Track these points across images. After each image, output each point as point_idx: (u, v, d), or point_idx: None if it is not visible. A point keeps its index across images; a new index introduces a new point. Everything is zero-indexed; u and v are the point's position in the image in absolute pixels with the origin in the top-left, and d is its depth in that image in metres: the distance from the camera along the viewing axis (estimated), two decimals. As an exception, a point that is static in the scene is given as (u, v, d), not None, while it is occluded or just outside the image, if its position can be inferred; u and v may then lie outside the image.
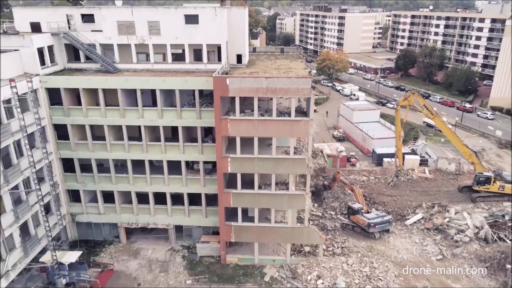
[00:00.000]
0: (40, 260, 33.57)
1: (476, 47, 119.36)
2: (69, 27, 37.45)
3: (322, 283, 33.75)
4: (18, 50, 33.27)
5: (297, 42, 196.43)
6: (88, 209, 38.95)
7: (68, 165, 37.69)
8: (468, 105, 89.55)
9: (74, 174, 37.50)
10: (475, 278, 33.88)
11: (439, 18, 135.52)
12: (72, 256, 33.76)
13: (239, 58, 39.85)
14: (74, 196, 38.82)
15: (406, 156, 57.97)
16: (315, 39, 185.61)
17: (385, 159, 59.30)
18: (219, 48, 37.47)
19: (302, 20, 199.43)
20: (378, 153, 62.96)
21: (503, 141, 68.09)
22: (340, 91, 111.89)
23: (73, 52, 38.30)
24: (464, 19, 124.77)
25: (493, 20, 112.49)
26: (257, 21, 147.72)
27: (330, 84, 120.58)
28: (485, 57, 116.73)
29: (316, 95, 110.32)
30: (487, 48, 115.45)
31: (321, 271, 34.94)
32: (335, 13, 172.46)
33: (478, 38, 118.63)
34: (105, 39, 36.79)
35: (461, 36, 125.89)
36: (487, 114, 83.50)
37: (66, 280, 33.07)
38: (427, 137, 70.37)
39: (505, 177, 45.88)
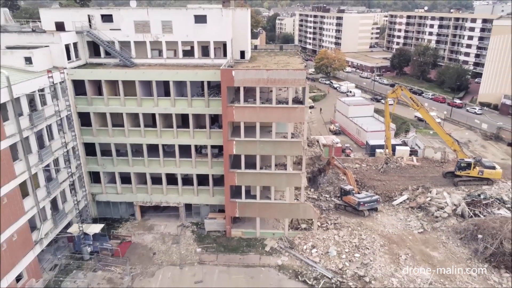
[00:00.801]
0: (68, 231, 38.18)
1: (469, 46, 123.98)
2: (90, 26, 41.93)
3: (316, 251, 38.26)
4: (48, 46, 37.74)
5: (296, 42, 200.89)
6: (107, 189, 43.44)
7: (89, 149, 42.18)
8: (458, 101, 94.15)
9: (95, 158, 41.98)
10: (451, 247, 38.39)
11: (433, 18, 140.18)
12: (96, 228, 38.41)
13: (242, 54, 44.35)
14: (95, 177, 43.32)
15: (397, 147, 62.77)
16: (314, 39, 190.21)
17: (378, 150, 63.84)
18: (224, 45, 41.98)
19: (301, 20, 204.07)
20: (371, 144, 67.48)
21: (488, 134, 72.64)
22: (337, 88, 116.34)
23: (93, 48, 42.82)
24: (457, 19, 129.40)
25: (484, 20, 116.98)
26: (257, 21, 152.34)
27: (327, 82, 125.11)
28: (477, 56, 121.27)
29: (314, 92, 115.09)
30: (478, 47, 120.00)
31: (315, 242, 39.46)
32: (333, 14, 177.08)
33: (470, 37, 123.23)
34: (123, 36, 41.28)
35: (454, 35, 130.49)
36: (475, 109, 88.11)
37: (91, 249, 37.58)
38: (417, 130, 74.83)
39: (484, 163, 50.54)
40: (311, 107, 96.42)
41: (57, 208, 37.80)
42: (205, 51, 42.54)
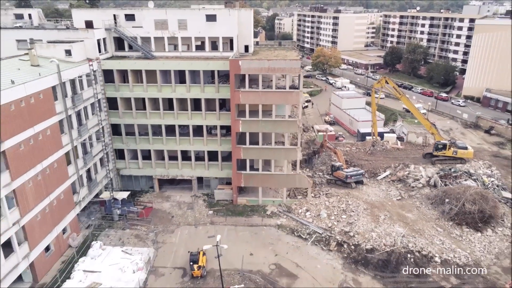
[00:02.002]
0: (101, 196, 45.22)
1: (457, 44, 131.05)
2: (115, 24, 48.86)
3: (310, 214, 45.29)
4: (83, 41, 44.67)
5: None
6: (130, 164, 50.42)
7: (115, 129, 49.10)
8: (444, 95, 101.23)
9: (120, 137, 48.94)
10: (423, 210, 45.47)
11: (424, 18, 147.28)
12: (123, 194, 45.51)
13: (246, 48, 51.32)
14: (120, 154, 50.26)
15: (385, 134, 69.89)
16: (312, 38, 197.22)
17: (368, 137, 70.86)
18: (231, 40, 48.99)
19: (300, 20, 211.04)
20: (362, 132, 74.56)
21: (468, 122, 79.78)
22: (333, 84, 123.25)
23: (117, 43, 49.77)
24: (447, 19, 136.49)
25: (471, 20, 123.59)
26: (257, 21, 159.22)
27: (324, 78, 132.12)
28: (465, 53, 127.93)
29: (311, 87, 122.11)
30: (466, 45, 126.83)
31: (309, 206, 46.51)
32: (330, 14, 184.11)
33: (459, 36, 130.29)
34: (144, 33, 48.21)
35: (444, 34, 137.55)
36: (459, 102, 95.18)
37: (120, 212, 44.53)
38: (404, 120, 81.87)
39: (458, 144, 57.65)
40: (308, 101, 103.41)
41: (90, 178, 44.80)
42: (214, 45, 49.51)
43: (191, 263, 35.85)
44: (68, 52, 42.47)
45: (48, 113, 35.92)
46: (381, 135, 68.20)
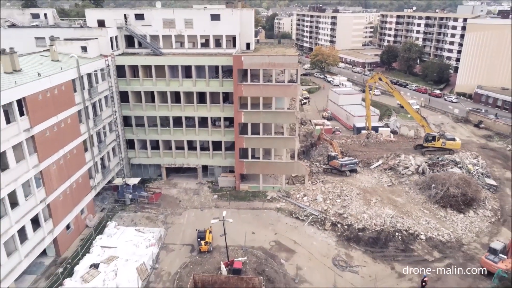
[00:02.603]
0: (113, 182, 48.91)
1: (451, 43, 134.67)
2: (126, 23, 52.50)
3: (307, 198, 48.99)
4: (97, 38, 48.31)
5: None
6: (140, 154, 54.07)
7: (126, 121, 52.75)
8: (437, 92, 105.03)
9: (131, 128, 52.59)
10: (411, 195, 49.21)
11: (420, 18, 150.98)
12: (134, 180, 49.19)
13: (247, 45, 54.97)
14: (130, 144, 53.89)
15: (379, 128, 73.63)
16: (310, 37, 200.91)
17: (363, 131, 74.55)
18: (234, 38, 52.67)
19: (299, 20, 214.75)
20: (358, 126, 78.22)
21: (459, 117, 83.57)
22: (331, 81, 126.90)
23: (127, 40, 53.41)
24: (441, 18, 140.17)
25: (465, 20, 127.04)
26: (257, 21, 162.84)
27: (322, 76, 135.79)
28: (459, 52, 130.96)
29: (310, 85, 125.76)
30: (460, 44, 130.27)
31: (306, 192, 50.21)
32: (328, 14, 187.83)
33: (453, 35, 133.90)
34: (153, 31, 51.90)
35: (439, 33, 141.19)
36: (451, 98, 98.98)
37: (131, 196, 48.19)
38: (398, 115, 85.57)
39: (446, 136, 61.38)
40: (306, 98, 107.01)
41: (104, 165, 48.46)
42: (218, 43, 53.23)
43: (199, 240, 39.52)
44: (84, 49, 46.09)
45: (68, 104, 39.59)
46: (376, 129, 71.93)
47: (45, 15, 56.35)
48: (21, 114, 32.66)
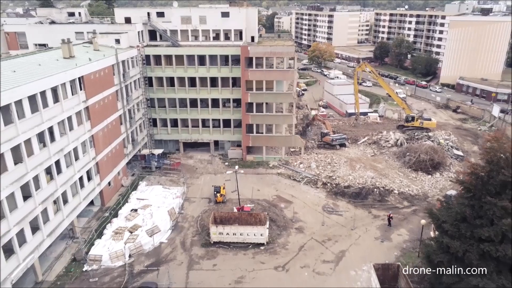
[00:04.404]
0: (142, 152, 58.63)
1: (439, 39, 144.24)
2: (149, 20, 62.08)
3: (302, 165, 58.64)
4: (127, 32, 57.92)
5: (293, 38, 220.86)
6: (161, 131, 63.72)
7: (150, 103, 62.37)
8: (423, 83, 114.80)
9: (154, 108, 62.22)
10: (390, 162, 58.89)
11: (411, 16, 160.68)
12: (159, 151, 58.86)
13: (252, 38, 64.58)
14: (153, 122, 63.50)
15: (369, 114, 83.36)
16: (309, 35, 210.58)
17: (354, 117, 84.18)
18: (240, 32, 62.30)
19: (297, 18, 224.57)
20: (349, 112, 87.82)
21: (440, 104, 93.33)
22: (327, 75, 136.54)
23: (150, 34, 63.00)
24: (431, 16, 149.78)
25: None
26: (257, 20, 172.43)
27: (319, 71, 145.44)
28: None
29: (307, 78, 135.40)
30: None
31: (302, 160, 59.90)
32: (326, 12, 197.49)
33: (441, 32, 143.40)
34: (173, 27, 61.51)
35: (429, 30, 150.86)
36: (436, 88, 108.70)
37: (156, 164, 57.83)
38: (386, 102, 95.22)
39: (424, 117, 71.06)
40: (304, 90, 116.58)
41: (133, 138, 58.13)
42: (226, 36, 62.86)
43: (215, 193, 49.20)
44: (117, 41, 55.67)
45: (110, 84, 49.25)
46: (366, 114, 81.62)
47: (79, 13, 66.04)
48: (80, 89, 42.31)
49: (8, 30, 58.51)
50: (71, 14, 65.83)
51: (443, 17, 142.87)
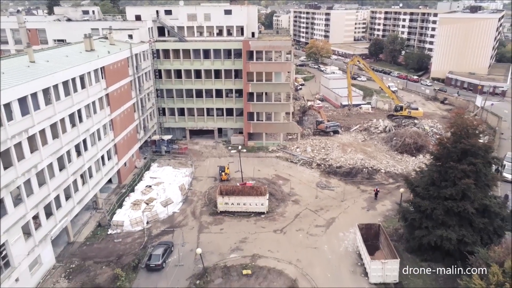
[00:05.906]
0: (152, 138, 64.34)
1: (432, 36, 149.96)
2: (157, 17, 67.68)
3: (299, 149, 64.39)
4: (139, 29, 63.53)
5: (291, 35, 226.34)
6: (169, 119, 69.38)
7: (159, 93, 68.03)
8: (415, 77, 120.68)
9: (163, 98, 67.88)
10: (378, 146, 64.68)
11: (405, 13, 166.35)
12: (168, 136, 64.57)
13: (252, 34, 70.29)
14: (162, 111, 69.16)
15: (362, 105, 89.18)
16: (306, 32, 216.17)
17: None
18: (242, 28, 67.99)
19: (296, 17, 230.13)
20: (344, 104, 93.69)
21: (429, 96, 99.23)
22: (324, 71, 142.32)
23: (158, 30, 68.63)
24: (424, 14, 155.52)
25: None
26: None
27: (316, 66, 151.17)
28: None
29: (305, 74, 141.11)
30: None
31: (298, 145, 65.67)
32: (323, 11, 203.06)
33: (433, 29, 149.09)
34: (180, 23, 67.21)
35: (422, 27, 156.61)
36: (426, 82, 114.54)
37: (166, 148, 63.53)
38: (378, 95, 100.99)
39: (411, 106, 76.90)
40: (302, 85, 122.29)
41: (145, 125, 63.79)
42: (229, 32, 68.58)
43: (220, 172, 54.93)
44: (130, 36, 61.32)
45: (125, 75, 54.87)
46: (359, 106, 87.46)
47: (93, 11, 71.62)
48: (102, 78, 47.92)
49: (29, 27, 64.02)
50: (86, 12, 71.43)
51: (435, 15, 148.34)
